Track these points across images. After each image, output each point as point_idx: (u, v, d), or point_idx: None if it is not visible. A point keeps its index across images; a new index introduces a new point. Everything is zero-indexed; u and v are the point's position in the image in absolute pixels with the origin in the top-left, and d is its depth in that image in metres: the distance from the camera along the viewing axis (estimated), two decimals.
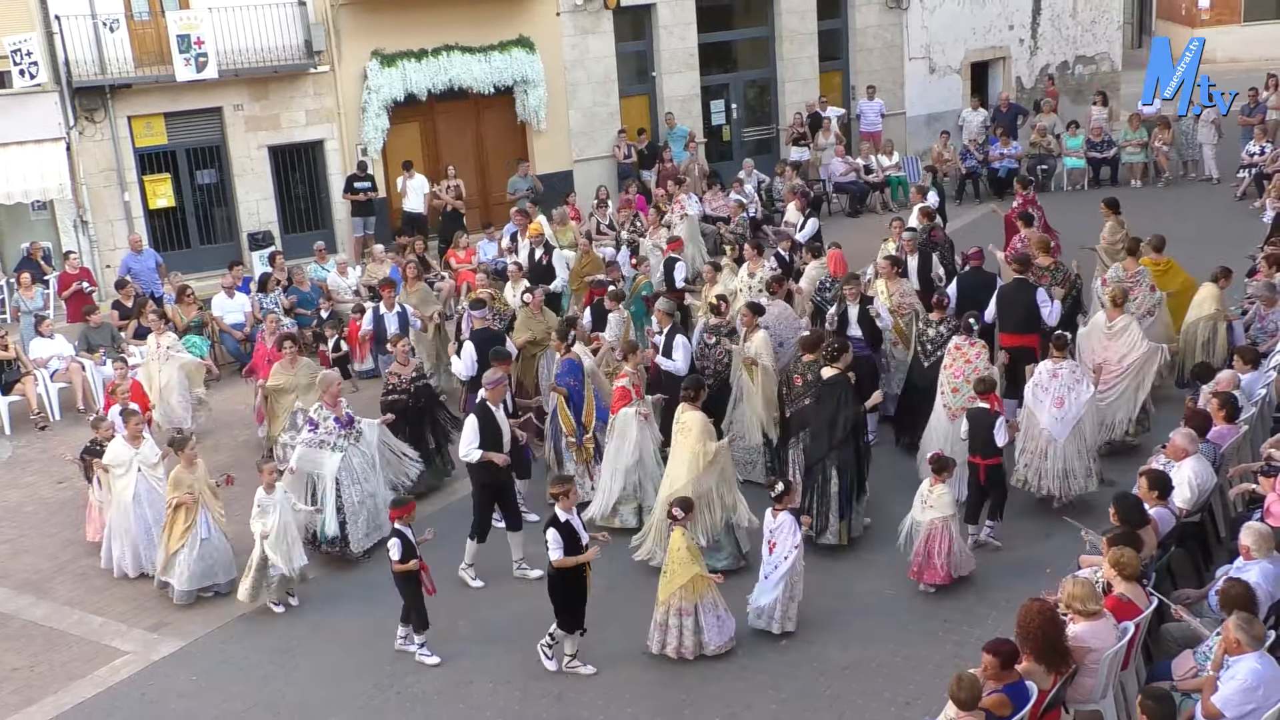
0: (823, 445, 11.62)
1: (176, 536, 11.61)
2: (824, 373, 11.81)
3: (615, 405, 12.36)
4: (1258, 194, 22.44)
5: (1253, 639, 7.57)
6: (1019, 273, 13.96)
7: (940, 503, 10.79)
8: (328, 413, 12.37)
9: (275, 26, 21.59)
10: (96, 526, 12.95)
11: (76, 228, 21.08)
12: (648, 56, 25.77)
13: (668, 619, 10.12)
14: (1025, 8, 29.62)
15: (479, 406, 11.63)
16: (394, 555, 10.20)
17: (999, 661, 7.65)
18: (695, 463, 11.12)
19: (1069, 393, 11.88)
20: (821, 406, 11.68)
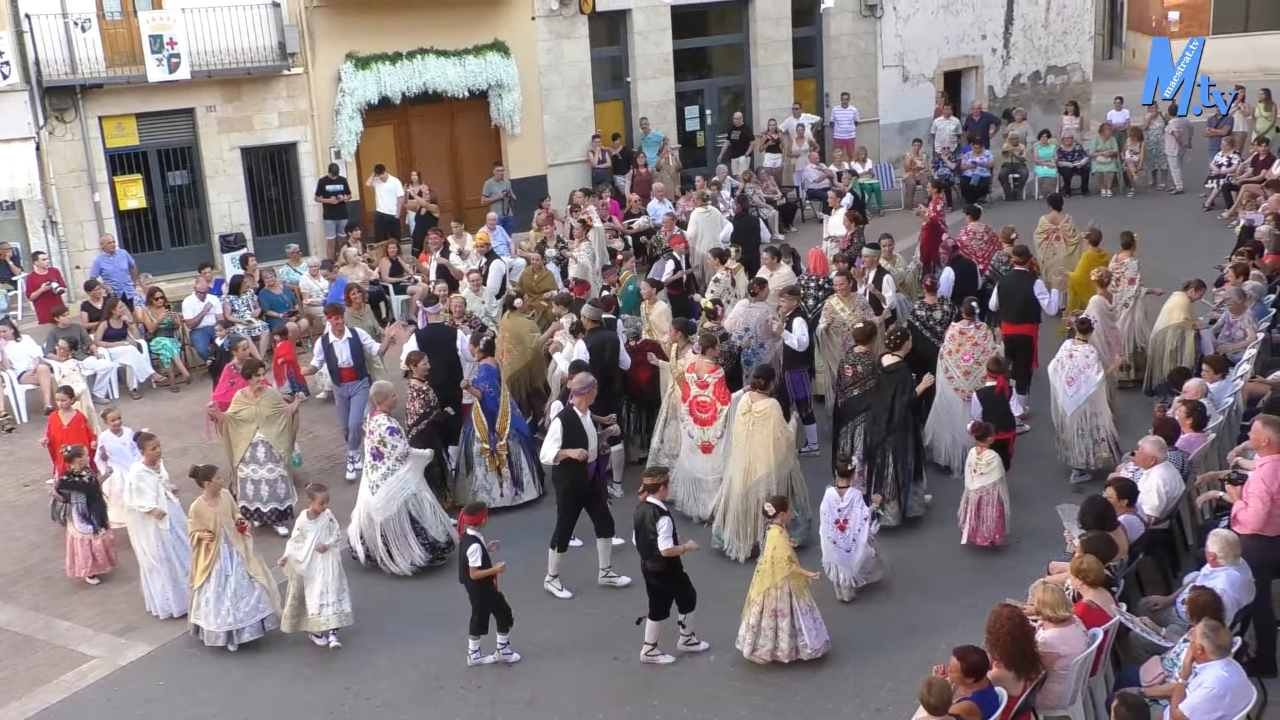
0: (881, 430, 12.07)
1: (199, 573, 10.85)
2: (884, 360, 12.30)
3: (722, 396, 12.33)
4: (1225, 204, 22.64)
5: (1218, 647, 7.62)
6: (1019, 265, 14.76)
7: (990, 469, 11.42)
8: (384, 420, 11.92)
9: (249, 28, 21.49)
10: (81, 563, 12.29)
11: (46, 228, 20.90)
12: (623, 62, 25.81)
13: (760, 621, 9.98)
14: (998, 18, 29.83)
15: (566, 411, 11.38)
16: (474, 562, 9.99)
17: (963, 668, 7.66)
18: (779, 447, 11.47)
19: (1080, 374, 12.77)
20: (881, 393, 12.12)
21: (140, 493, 11.35)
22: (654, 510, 9.90)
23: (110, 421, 12.93)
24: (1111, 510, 9.58)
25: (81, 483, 12.26)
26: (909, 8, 28.36)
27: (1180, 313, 14.27)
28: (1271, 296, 15.09)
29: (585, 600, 11.30)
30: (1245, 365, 13.22)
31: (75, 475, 12.27)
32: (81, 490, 12.24)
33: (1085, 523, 9.46)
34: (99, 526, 12.32)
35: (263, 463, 12.98)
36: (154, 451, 11.57)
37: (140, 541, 11.49)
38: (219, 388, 14.20)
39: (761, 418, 11.53)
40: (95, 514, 12.29)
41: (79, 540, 12.29)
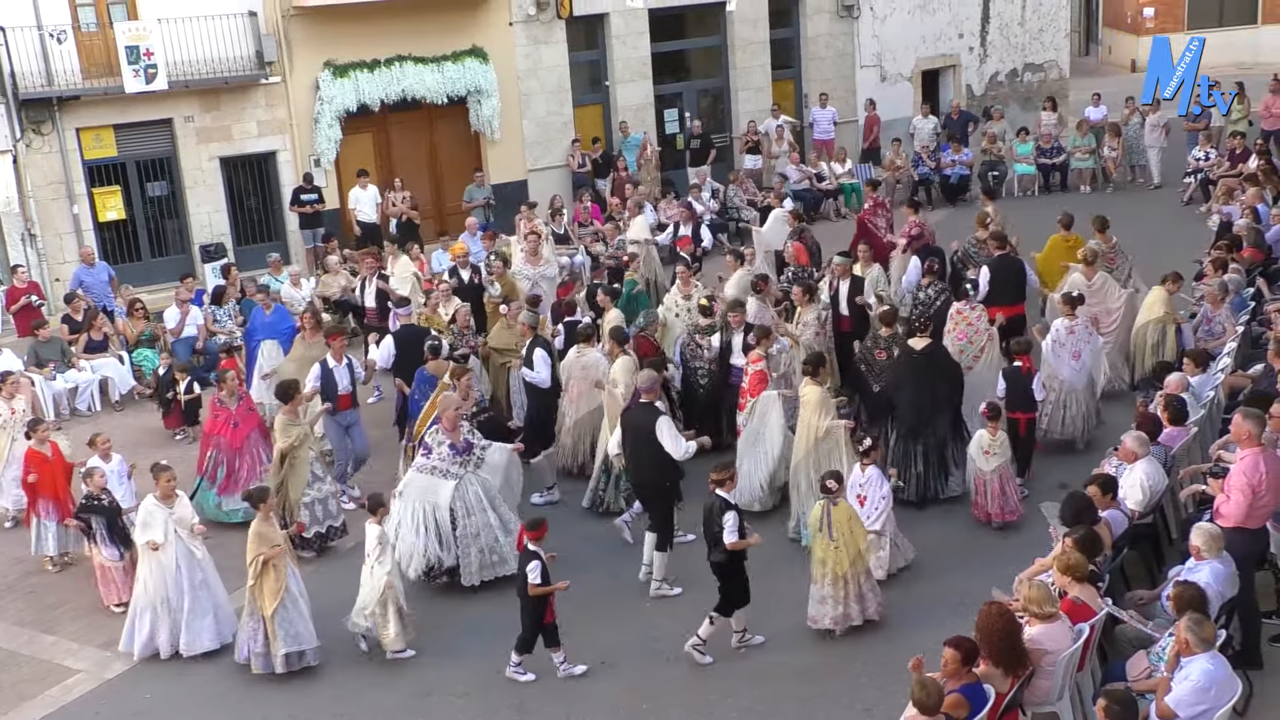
0: (927, 411, 12.37)
1: (270, 597, 10.33)
2: (914, 343, 12.59)
3: (754, 389, 12.59)
4: (1203, 199, 22.73)
5: (1202, 640, 7.66)
6: (999, 249, 15.35)
7: (1003, 449, 11.83)
8: (443, 437, 11.56)
9: (226, 37, 21.43)
10: (119, 591, 11.73)
11: (24, 241, 20.79)
12: (601, 66, 25.81)
13: (859, 589, 10.33)
14: (974, 16, 29.92)
15: (653, 408, 11.32)
16: (534, 579, 9.75)
17: (960, 656, 7.70)
18: (809, 435, 11.71)
19: (1084, 346, 13.35)
20: (919, 375, 12.41)
21: (146, 526, 10.74)
22: (721, 504, 9.98)
23: (100, 446, 12.45)
24: (1092, 506, 9.60)
25: (101, 506, 11.69)
26: (886, 8, 28.44)
27: (1160, 307, 14.34)
28: (1250, 290, 15.18)
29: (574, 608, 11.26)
30: (1226, 359, 13.27)
31: (94, 499, 11.69)
32: (101, 514, 11.69)
33: (1065, 519, 9.51)
34: (125, 550, 11.70)
35: (323, 478, 12.52)
36: (169, 485, 10.87)
37: (144, 574, 10.89)
38: (208, 419, 13.64)
39: (804, 403, 11.91)
40: (119, 537, 11.72)
41: (110, 568, 11.73)
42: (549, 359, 13.59)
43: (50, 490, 12.51)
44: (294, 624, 10.38)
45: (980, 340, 13.70)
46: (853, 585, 10.32)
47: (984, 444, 11.90)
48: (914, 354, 12.63)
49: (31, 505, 12.68)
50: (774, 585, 11.06)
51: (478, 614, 11.25)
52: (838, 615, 10.35)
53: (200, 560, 10.90)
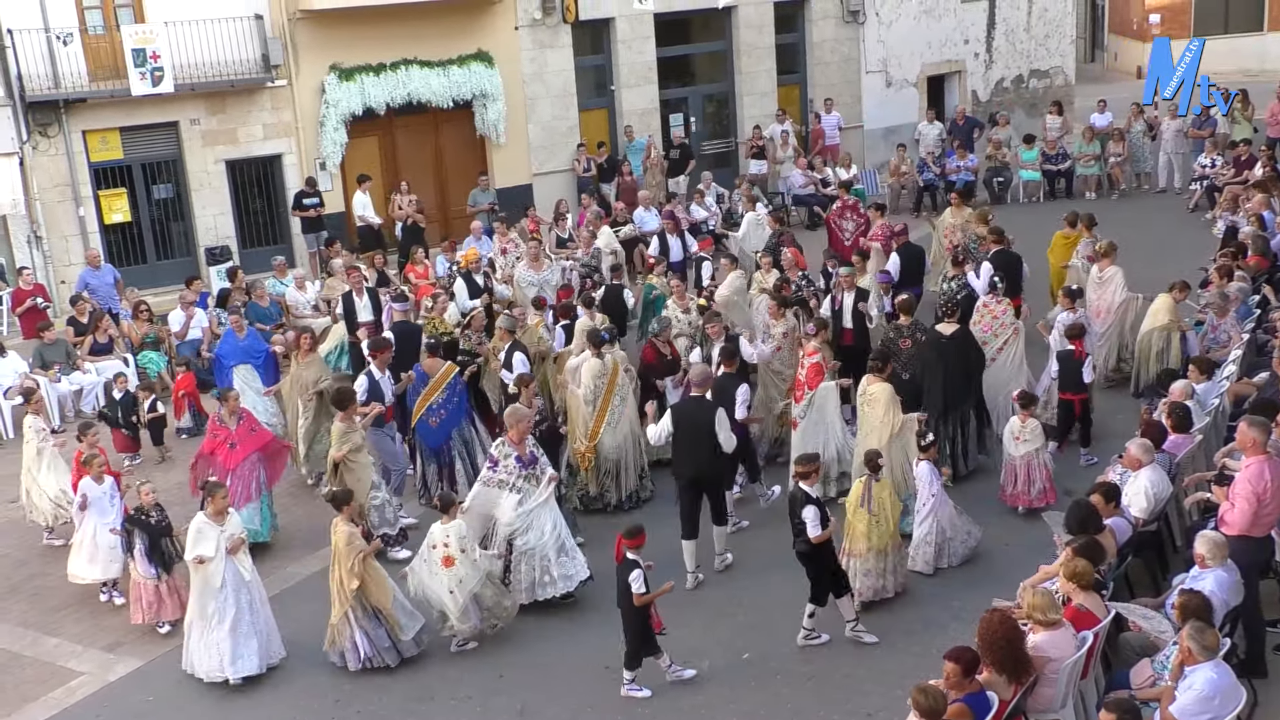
0: (955, 395, 12.82)
1: (381, 590, 10.35)
2: (943, 329, 13.12)
3: (811, 380, 12.76)
4: (1209, 206, 22.72)
5: (1204, 648, 7.63)
6: (997, 244, 15.95)
7: (1033, 436, 12.11)
8: (510, 449, 11.21)
9: (232, 40, 21.46)
10: (148, 609, 11.45)
11: (30, 243, 20.81)
12: (606, 70, 25.86)
13: (881, 565, 10.76)
14: (980, 22, 30.02)
15: (704, 401, 11.53)
16: (638, 588, 9.57)
17: (961, 669, 7.65)
18: (882, 433, 11.83)
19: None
20: (948, 359, 12.87)
21: (197, 543, 10.40)
22: (803, 496, 10.15)
23: (93, 469, 12.04)
24: (1096, 514, 9.57)
25: (146, 522, 11.34)
26: (891, 13, 28.48)
27: (1165, 314, 14.33)
28: (1256, 297, 15.15)
29: (578, 610, 11.28)
30: (1231, 366, 13.25)
31: (144, 513, 11.35)
32: (146, 530, 11.33)
33: (1070, 527, 9.48)
34: (164, 570, 11.42)
35: (379, 486, 12.37)
36: (223, 502, 10.56)
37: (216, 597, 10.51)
38: (205, 440, 13.06)
39: (872, 400, 12.04)
40: (159, 557, 11.40)
41: (144, 585, 11.39)
42: (527, 363, 13.58)
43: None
44: (401, 610, 10.49)
45: (1005, 334, 14.04)
46: (890, 559, 10.84)
47: (1015, 431, 12.23)
48: (943, 339, 13.13)
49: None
50: (783, 589, 11.07)
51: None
52: (878, 587, 10.81)
53: (249, 582, 10.63)
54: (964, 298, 14.60)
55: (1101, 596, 8.77)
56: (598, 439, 13.09)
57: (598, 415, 13.11)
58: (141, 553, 11.33)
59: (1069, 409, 13.29)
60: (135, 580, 11.44)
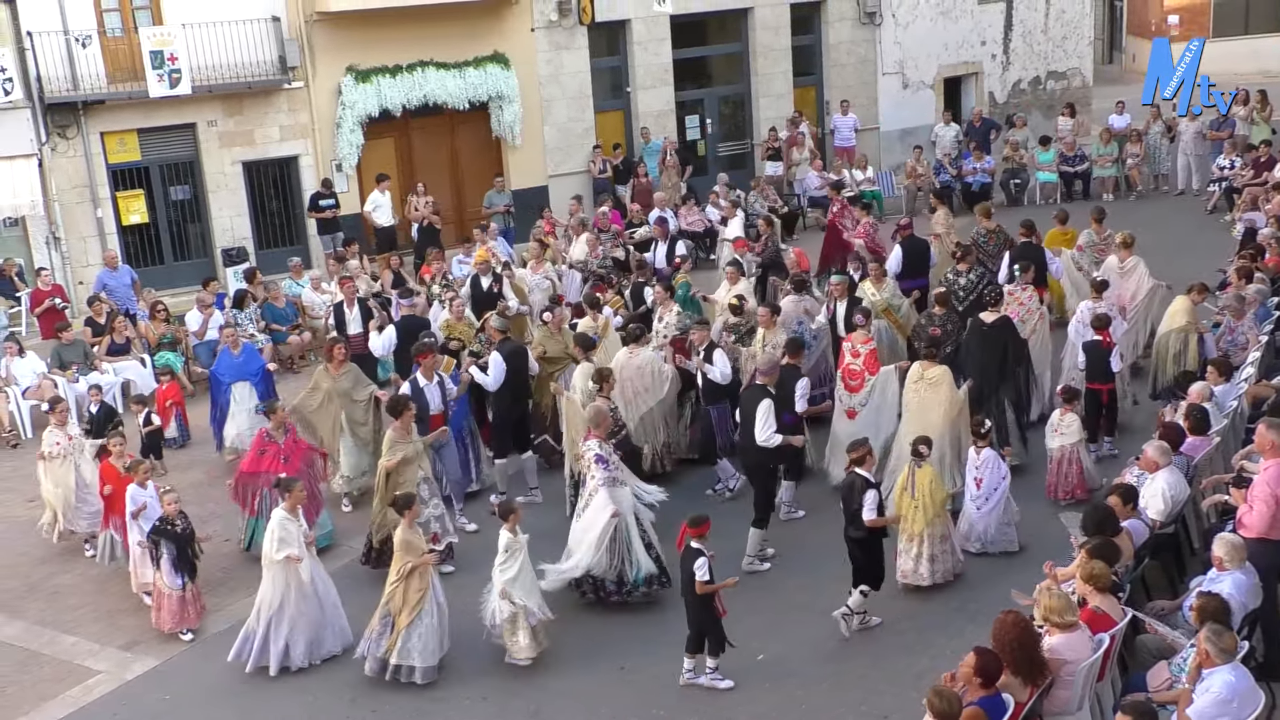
0: (992, 381, 13.08)
1: (410, 607, 10.20)
2: (985, 316, 13.47)
3: (871, 366, 13.17)
4: (1228, 207, 22.60)
5: (1222, 651, 7.59)
6: (1025, 236, 16.18)
7: (1070, 429, 12.38)
8: (608, 446, 11.40)
9: (249, 42, 21.53)
10: (169, 618, 11.41)
11: (49, 244, 20.92)
12: (622, 72, 25.85)
13: (935, 549, 11.00)
14: (997, 24, 29.88)
15: (762, 390, 11.61)
16: (701, 576, 9.61)
17: (977, 664, 7.64)
18: (952, 410, 12.24)
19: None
20: (989, 347, 13.22)
21: (284, 541, 10.39)
22: (863, 482, 10.33)
23: (140, 474, 11.85)
24: (1113, 516, 9.55)
25: (173, 532, 11.26)
26: (908, 15, 28.39)
27: (1183, 316, 14.25)
28: (1275, 299, 15.06)
29: (592, 612, 11.28)
30: (1249, 369, 13.18)
31: (168, 522, 11.28)
32: (173, 540, 11.26)
33: (1087, 529, 9.46)
34: (190, 579, 11.42)
35: (426, 500, 11.79)
36: (300, 495, 10.74)
37: (275, 594, 10.58)
38: (249, 456, 12.66)
39: (934, 383, 12.43)
40: (185, 566, 11.37)
41: (169, 595, 11.35)
42: (503, 364, 13.37)
43: (121, 507, 11.98)
44: (421, 640, 10.23)
45: (1032, 320, 14.38)
46: (925, 545, 10.98)
47: (1054, 424, 12.55)
48: (984, 326, 13.48)
49: (105, 518, 12.44)
50: (798, 591, 11.05)
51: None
52: (907, 570, 11.09)
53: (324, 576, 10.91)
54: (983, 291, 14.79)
55: (1118, 598, 8.74)
56: None
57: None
58: (169, 562, 11.25)
59: (1097, 399, 13.42)
60: (160, 589, 11.38)
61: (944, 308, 14.15)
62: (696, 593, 9.67)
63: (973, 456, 11.67)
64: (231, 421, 15.08)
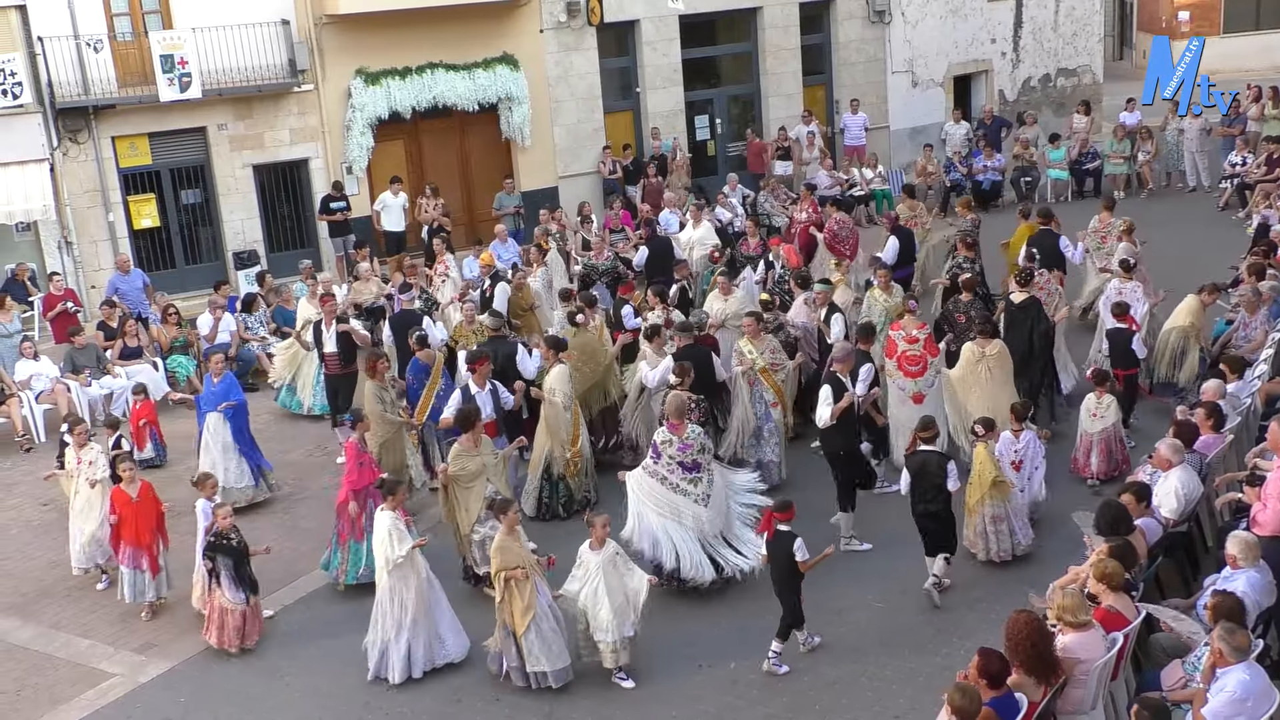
0: (1021, 360, 13.21)
1: (520, 617, 9.98)
2: (1015, 297, 13.87)
3: (933, 349, 13.27)
4: (1240, 204, 22.51)
5: (1235, 649, 7.56)
6: (1043, 224, 16.75)
7: (1109, 411, 12.66)
8: (672, 436, 11.34)
9: (259, 46, 21.56)
10: (231, 635, 11.08)
11: (61, 249, 20.97)
12: (632, 72, 25.82)
13: (985, 527, 11.29)
14: (1007, 21, 29.81)
15: (831, 375, 11.90)
16: (801, 556, 9.87)
17: (980, 666, 7.63)
18: (1008, 389, 12.62)
19: (1134, 308, 14.16)
20: (1017, 327, 13.61)
21: (400, 540, 10.25)
22: (939, 457, 10.77)
23: (207, 489, 11.46)
24: (1127, 515, 9.52)
25: (230, 546, 10.94)
26: (917, 13, 28.34)
27: (1187, 316, 14.19)
28: None
29: None
30: (1262, 366, 13.14)
31: (224, 537, 10.95)
32: (229, 554, 10.95)
33: (1100, 528, 9.44)
34: (251, 593, 11.14)
35: (484, 520, 11.39)
36: (403, 494, 10.72)
37: (399, 598, 10.36)
38: (349, 470, 11.90)
39: (999, 357, 12.76)
40: (245, 581, 11.10)
41: (231, 611, 11.04)
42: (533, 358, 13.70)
43: (131, 535, 11.59)
44: (543, 643, 10.06)
45: (1053, 302, 14.70)
46: (977, 522, 11.31)
47: (1091, 407, 12.76)
48: (1014, 306, 13.87)
49: (115, 548, 11.86)
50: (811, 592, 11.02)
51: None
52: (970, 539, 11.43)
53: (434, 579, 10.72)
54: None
55: (1131, 598, 8.72)
56: (579, 443, 13.15)
57: (574, 420, 13.15)
58: (228, 578, 10.98)
59: (1121, 382, 13.48)
60: (221, 606, 11.02)
61: (970, 294, 14.41)
62: (800, 571, 9.95)
63: (1009, 439, 11.70)
64: (205, 454, 13.99)
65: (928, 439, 10.82)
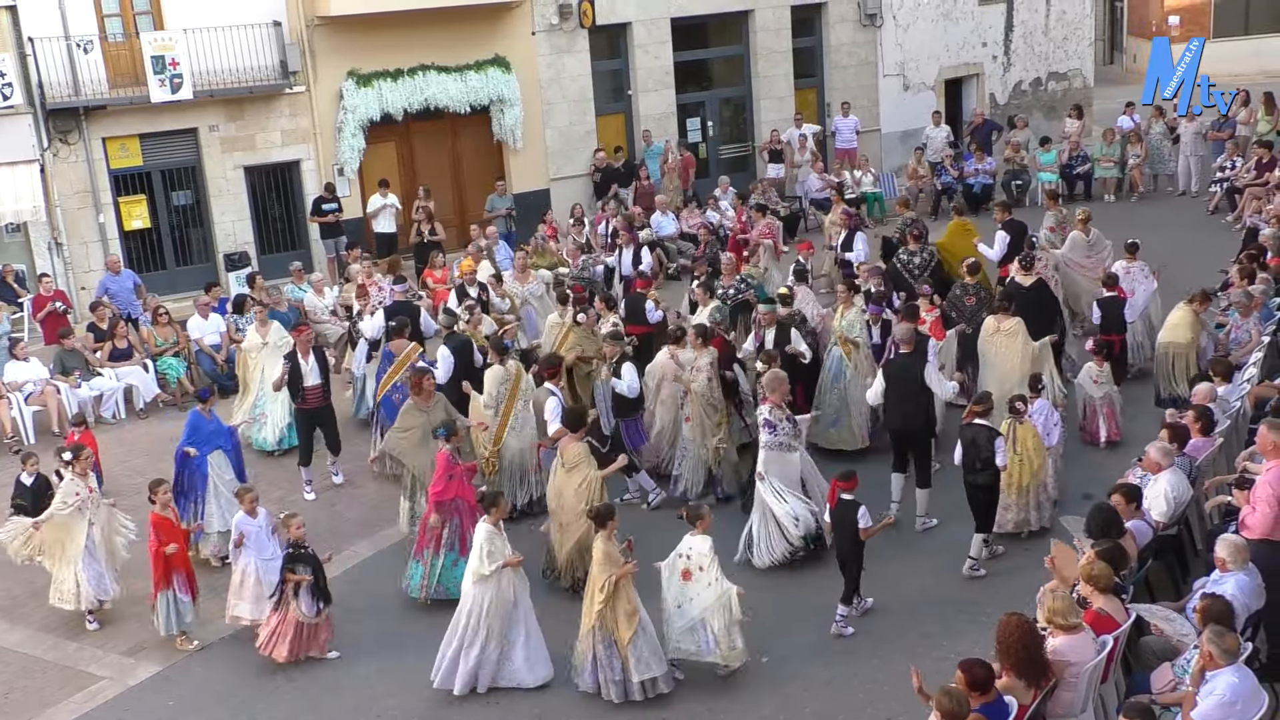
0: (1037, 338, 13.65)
1: (625, 623, 9.77)
2: (1021, 279, 14.54)
3: (937, 333, 13.78)
4: (1230, 208, 22.55)
5: (1225, 652, 7.56)
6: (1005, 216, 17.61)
7: (1107, 379, 13.65)
8: (781, 413, 11.62)
9: (250, 47, 21.49)
10: (302, 645, 10.76)
11: (51, 250, 20.87)
12: (624, 75, 25.81)
13: (1039, 498, 11.86)
14: (998, 25, 29.88)
15: (915, 358, 12.23)
16: (864, 524, 10.27)
17: (968, 680, 7.54)
18: (1027, 360, 13.19)
19: (1140, 286, 15.33)
20: (1027, 307, 13.87)
21: (492, 555, 9.99)
22: (988, 432, 11.05)
23: (247, 502, 11.08)
24: (1119, 518, 9.51)
25: (309, 555, 10.61)
26: (909, 16, 28.37)
27: (1187, 331, 14.08)
28: (1278, 300, 15.03)
29: None
30: (1252, 369, 13.16)
31: (300, 546, 10.57)
32: (309, 563, 10.59)
33: (1092, 531, 9.42)
34: (325, 603, 10.79)
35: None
36: (505, 507, 10.49)
37: (478, 611, 10.11)
38: (435, 481, 11.51)
39: (1010, 334, 13.37)
40: (321, 591, 10.74)
41: (304, 625, 10.66)
42: (450, 357, 13.83)
43: (183, 560, 11.24)
44: (650, 647, 9.89)
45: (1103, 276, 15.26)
46: (1032, 495, 11.80)
47: (1093, 374, 13.62)
48: (1022, 289, 14.37)
49: (164, 579, 11.12)
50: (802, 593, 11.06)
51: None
52: (1020, 520, 11.89)
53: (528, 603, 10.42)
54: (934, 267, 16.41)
55: (1121, 600, 8.71)
56: (501, 444, 13.17)
57: (501, 420, 13.16)
58: (307, 589, 10.64)
59: (1109, 348, 14.19)
60: (295, 620, 10.62)
61: (974, 277, 14.99)
62: (861, 539, 10.36)
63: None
64: (215, 499, 12.94)
65: (981, 413, 11.19)
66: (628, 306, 16.05)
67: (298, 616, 10.63)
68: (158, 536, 11.00)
